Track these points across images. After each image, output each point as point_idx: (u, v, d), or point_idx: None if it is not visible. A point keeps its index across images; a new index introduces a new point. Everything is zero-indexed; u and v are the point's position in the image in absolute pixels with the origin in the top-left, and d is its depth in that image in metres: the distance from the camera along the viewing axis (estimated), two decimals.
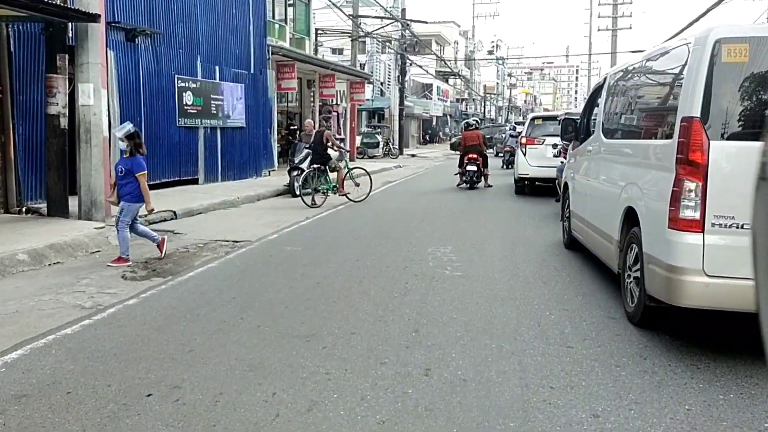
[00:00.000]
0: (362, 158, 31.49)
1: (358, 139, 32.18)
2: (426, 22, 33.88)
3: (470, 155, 15.83)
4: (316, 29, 27.10)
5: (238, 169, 15.81)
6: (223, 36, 15.01)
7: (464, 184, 15.89)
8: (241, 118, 15.80)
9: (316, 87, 22.84)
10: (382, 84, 38.60)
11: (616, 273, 5.70)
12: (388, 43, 35.22)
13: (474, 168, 15.70)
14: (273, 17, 22.58)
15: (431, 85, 54.18)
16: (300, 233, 9.39)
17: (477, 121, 18.38)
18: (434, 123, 57.53)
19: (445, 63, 57.17)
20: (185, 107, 13.57)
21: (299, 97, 25.49)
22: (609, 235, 5.89)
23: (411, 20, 31.37)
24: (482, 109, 72.76)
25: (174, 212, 10.50)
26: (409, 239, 8.72)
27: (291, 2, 25.16)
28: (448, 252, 7.82)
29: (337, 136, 25.14)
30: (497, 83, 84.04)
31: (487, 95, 76.76)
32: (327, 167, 12.74)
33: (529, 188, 14.97)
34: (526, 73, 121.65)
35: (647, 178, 5.03)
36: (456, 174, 16.55)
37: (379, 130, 33.59)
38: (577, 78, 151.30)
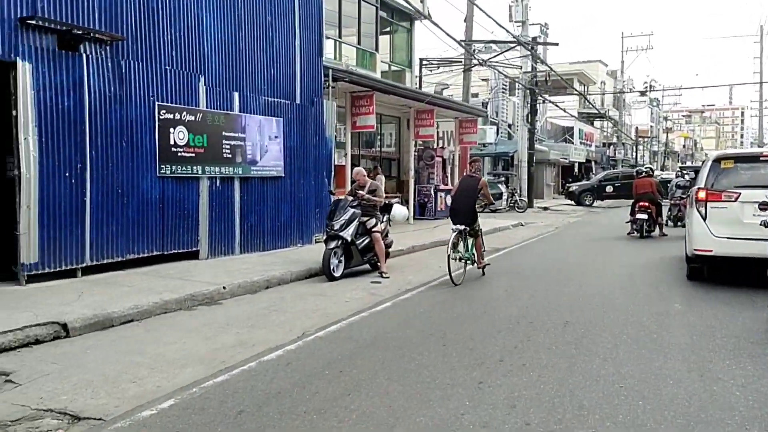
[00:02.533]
0: (481, 212, 26.22)
1: None
2: (557, 44, 28.35)
3: (641, 203, 15.25)
4: (421, 59, 22.66)
5: (272, 236, 11.33)
6: (249, 51, 10.79)
7: (635, 233, 15.22)
8: (277, 164, 11.37)
9: (411, 126, 18.21)
10: (510, 126, 33.29)
11: None
12: (516, 80, 30.02)
13: (645, 216, 15.07)
14: (359, 43, 18.43)
15: (572, 128, 47.91)
16: (241, 389, 4.53)
17: (650, 169, 17.61)
18: (576, 170, 50.84)
19: (590, 103, 50.73)
20: (173, 149, 9.34)
21: (397, 139, 21.00)
22: None
23: (539, 42, 26.02)
24: (634, 154, 64.62)
25: (63, 325, 6.04)
26: None
27: (387, 29, 20.96)
28: None
29: (442, 187, 20.26)
30: (651, 126, 75.24)
31: (640, 139, 68.42)
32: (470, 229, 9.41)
33: (709, 270, 9.12)
34: (684, 116, 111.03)
35: None
36: (627, 222, 15.88)
37: (503, 178, 28.17)
38: (742, 121, 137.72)
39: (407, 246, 12.87)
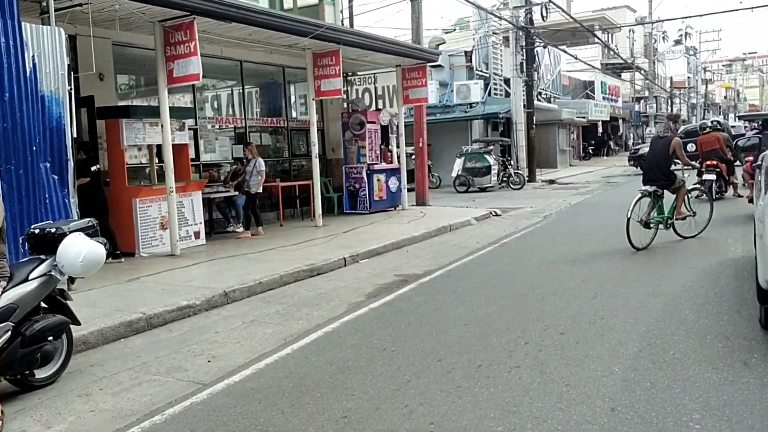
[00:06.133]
0: (465, 191, 19.98)
1: (458, 164, 20.68)
2: None
3: (709, 162, 13.41)
4: None
5: None
6: None
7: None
8: None
9: (309, 82, 11.96)
10: (507, 82, 26.63)
11: None
12: (506, 19, 23.36)
13: (713, 176, 13.00)
14: None
15: (593, 82, 40.88)
16: None
17: (717, 123, 16.25)
18: (602, 130, 43.75)
19: (614, 51, 43.40)
20: None
21: (320, 106, 14.78)
22: None
23: None
24: (669, 108, 57.06)
25: None
26: None
27: None
28: None
29: (381, 166, 14.12)
30: (688, 77, 67.15)
31: (676, 91, 60.68)
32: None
33: None
34: (724, 65, 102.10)
35: None
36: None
37: (491, 147, 21.66)
38: None
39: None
